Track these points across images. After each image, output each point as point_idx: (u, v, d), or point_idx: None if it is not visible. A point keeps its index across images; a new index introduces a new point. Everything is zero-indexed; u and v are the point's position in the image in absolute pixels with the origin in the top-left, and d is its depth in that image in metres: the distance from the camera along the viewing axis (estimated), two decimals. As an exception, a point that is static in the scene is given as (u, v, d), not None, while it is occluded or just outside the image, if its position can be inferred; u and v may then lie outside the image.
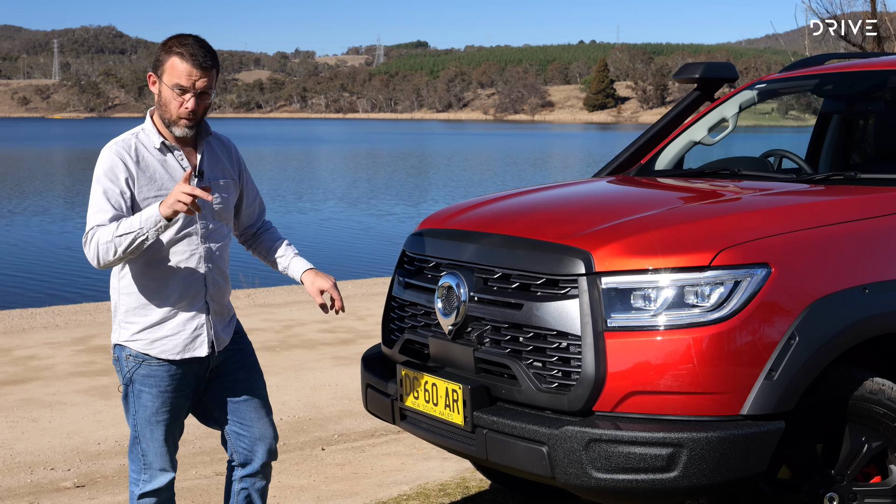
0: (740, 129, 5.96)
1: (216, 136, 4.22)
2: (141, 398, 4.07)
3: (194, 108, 3.94)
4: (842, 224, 4.17)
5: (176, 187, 3.74)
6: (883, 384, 4.11)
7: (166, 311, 4.03)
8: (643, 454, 3.79)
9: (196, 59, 3.90)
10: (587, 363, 3.91)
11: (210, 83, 3.95)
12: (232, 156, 4.26)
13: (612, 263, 3.97)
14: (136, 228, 3.80)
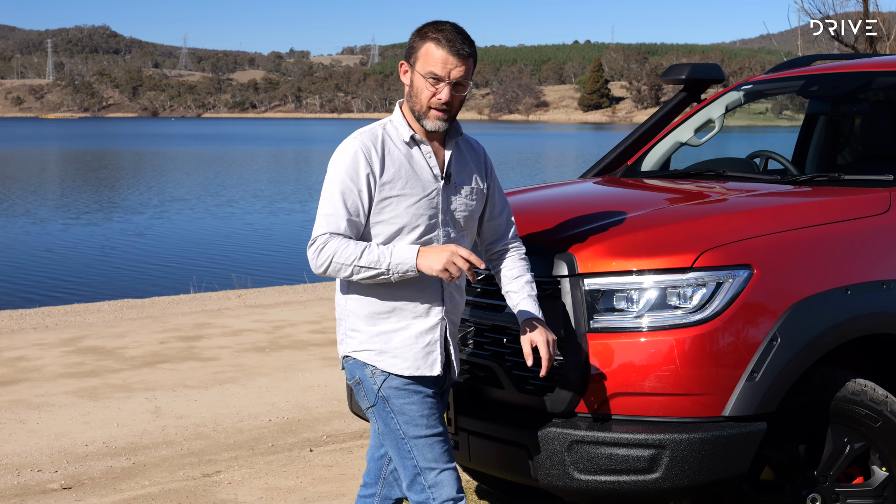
0: (727, 130, 5.97)
1: (465, 139, 3.85)
2: (405, 412, 3.63)
3: (448, 100, 3.60)
4: (824, 225, 4.18)
5: (451, 249, 3.46)
6: (865, 385, 4.11)
7: (398, 322, 3.65)
8: (625, 455, 3.80)
9: (453, 45, 3.56)
10: (570, 365, 3.92)
11: (467, 73, 3.60)
12: (480, 161, 3.86)
13: (595, 265, 3.97)
14: (383, 269, 3.49)
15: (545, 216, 4.59)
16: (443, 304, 3.68)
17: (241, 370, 8.79)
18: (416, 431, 3.61)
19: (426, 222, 3.63)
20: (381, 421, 3.66)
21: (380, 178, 3.58)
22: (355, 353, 3.69)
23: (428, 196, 3.64)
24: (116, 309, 12.04)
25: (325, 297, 12.78)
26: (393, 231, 3.60)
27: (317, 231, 3.58)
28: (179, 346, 9.84)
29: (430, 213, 3.63)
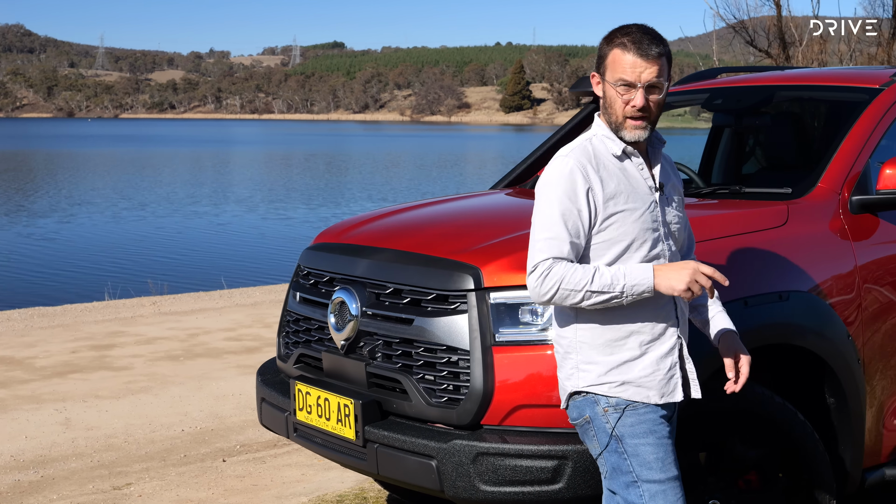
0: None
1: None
2: (639, 454, 3.40)
3: (643, 105, 3.34)
4: (724, 238, 4.28)
5: (692, 266, 3.27)
6: (763, 394, 4.21)
7: (637, 347, 3.42)
8: (529, 467, 3.86)
9: (640, 47, 3.31)
10: (475, 377, 3.97)
11: (660, 74, 3.33)
12: (674, 168, 3.65)
13: (501, 279, 4.03)
14: (617, 292, 3.28)
15: (453, 230, 4.65)
16: (677, 324, 3.47)
17: (154, 379, 8.73)
18: (651, 475, 3.39)
19: (651, 237, 3.41)
20: (612, 464, 3.44)
21: (602, 193, 3.37)
22: (592, 388, 3.43)
23: (649, 209, 3.42)
24: (26, 317, 11.87)
25: (242, 303, 12.73)
26: (621, 249, 3.38)
27: (537, 257, 3.36)
28: (91, 355, 9.73)
29: (654, 226, 3.42)
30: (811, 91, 5.70)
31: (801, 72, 6.22)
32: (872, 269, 4.57)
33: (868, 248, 4.59)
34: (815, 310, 4.35)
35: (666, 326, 3.44)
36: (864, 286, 4.53)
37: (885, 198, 4.57)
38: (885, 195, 4.56)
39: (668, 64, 3.37)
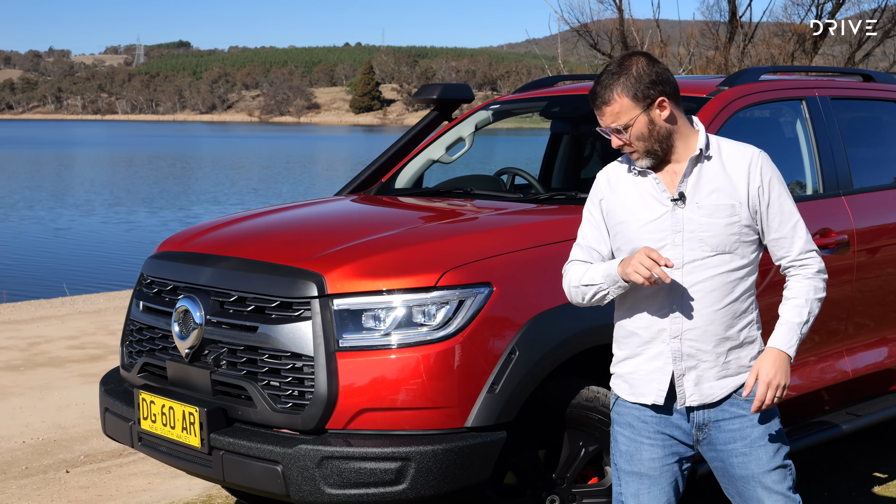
0: (476, 142, 6.22)
1: (724, 152, 3.45)
2: (617, 441, 3.55)
3: (619, 145, 3.41)
4: (560, 243, 4.42)
5: (640, 250, 3.27)
6: (598, 392, 4.39)
7: (635, 346, 3.49)
8: (373, 469, 3.95)
9: (593, 101, 3.43)
10: (320, 383, 4.04)
11: (617, 117, 3.35)
12: (740, 174, 3.42)
13: (344, 286, 4.11)
14: (598, 282, 3.39)
15: (297, 237, 4.71)
16: (670, 328, 3.42)
17: (-5, 390, 8.51)
18: (620, 463, 3.52)
19: (658, 245, 3.39)
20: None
21: (609, 205, 3.49)
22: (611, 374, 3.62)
23: (655, 220, 3.42)
24: None
25: (85, 310, 12.47)
26: (625, 255, 3.44)
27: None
28: (-73, 366, 9.42)
29: (659, 235, 3.41)
30: None
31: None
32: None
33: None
34: (647, 310, 4.53)
35: (659, 331, 3.43)
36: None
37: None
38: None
39: (628, 96, 3.34)
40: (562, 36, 31.92)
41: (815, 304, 3.41)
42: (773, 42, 30.51)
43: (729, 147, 3.46)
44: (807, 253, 3.45)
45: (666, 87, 3.36)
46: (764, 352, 3.41)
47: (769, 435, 3.45)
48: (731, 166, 3.42)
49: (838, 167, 5.53)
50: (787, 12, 35.25)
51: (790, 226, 3.44)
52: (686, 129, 3.44)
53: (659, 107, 3.36)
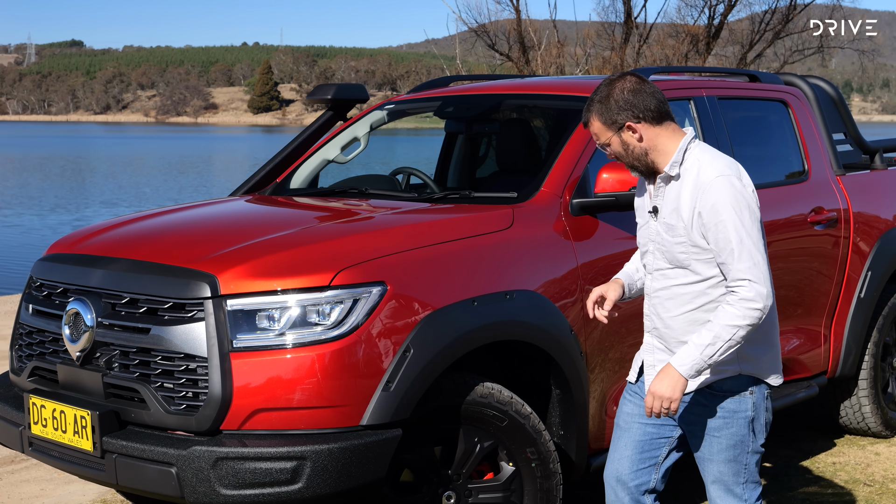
0: (374, 142, 6.25)
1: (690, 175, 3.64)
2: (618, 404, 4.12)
3: (611, 157, 3.80)
4: (453, 242, 4.49)
5: (596, 288, 3.94)
6: (492, 388, 4.45)
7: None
8: (268, 469, 3.95)
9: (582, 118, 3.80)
10: (213, 384, 4.03)
11: (599, 135, 3.72)
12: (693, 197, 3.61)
13: (237, 286, 4.10)
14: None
15: (190, 238, 4.68)
16: (652, 329, 3.88)
17: None
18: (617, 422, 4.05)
19: (649, 248, 3.84)
20: None
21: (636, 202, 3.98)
22: None
23: (645, 225, 3.86)
24: None
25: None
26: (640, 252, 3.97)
27: None
28: None
29: (643, 241, 3.88)
30: (536, 100, 6.01)
31: (528, 81, 6.54)
32: (592, 268, 4.86)
33: (588, 248, 4.89)
34: (541, 307, 4.61)
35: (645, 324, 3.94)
36: (585, 285, 4.81)
37: (602, 200, 4.87)
38: (603, 198, 4.85)
39: (599, 120, 3.69)
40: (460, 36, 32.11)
41: (727, 329, 3.54)
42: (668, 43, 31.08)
43: (698, 168, 3.64)
44: (739, 280, 3.57)
45: (636, 111, 3.64)
46: (665, 368, 3.63)
47: (729, 430, 3.76)
48: (686, 189, 3.65)
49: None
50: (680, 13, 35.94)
51: (727, 253, 3.58)
52: (666, 146, 3.68)
53: (629, 130, 3.66)
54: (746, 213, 3.58)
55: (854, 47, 32.84)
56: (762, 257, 3.58)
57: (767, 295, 3.55)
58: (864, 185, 6.56)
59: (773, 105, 6.33)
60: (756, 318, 3.54)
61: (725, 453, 3.79)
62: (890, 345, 6.79)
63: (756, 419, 3.79)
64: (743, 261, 3.55)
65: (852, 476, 6.09)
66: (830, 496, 5.79)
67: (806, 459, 6.38)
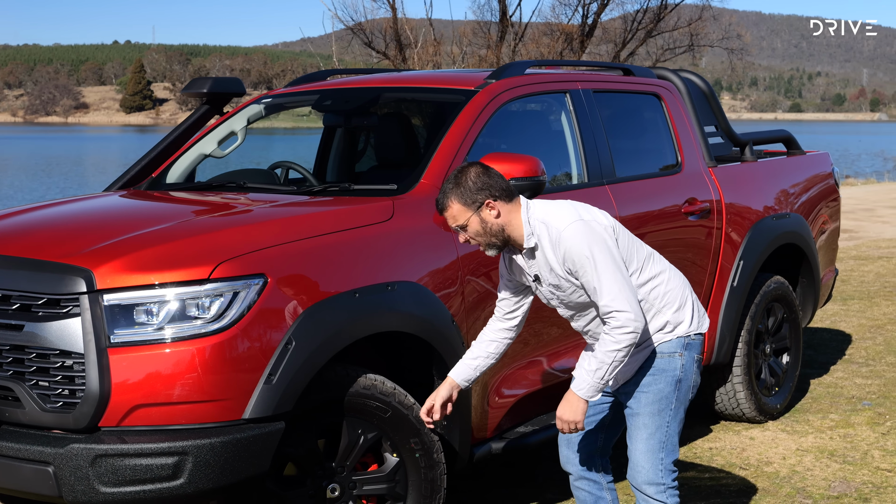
0: (253, 131, 6.19)
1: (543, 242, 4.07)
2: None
3: (464, 240, 4.11)
4: (333, 234, 4.47)
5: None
6: (375, 379, 4.45)
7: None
8: (149, 465, 3.89)
9: (437, 206, 4.11)
10: (91, 380, 3.95)
11: (454, 220, 4.06)
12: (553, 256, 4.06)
13: (114, 280, 4.03)
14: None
15: (64, 232, 4.57)
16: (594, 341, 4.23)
17: None
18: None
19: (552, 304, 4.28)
20: None
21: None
22: None
23: (536, 292, 4.26)
24: None
25: None
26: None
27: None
28: None
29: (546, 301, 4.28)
30: (414, 93, 6.03)
31: (406, 74, 6.55)
32: (472, 260, 4.90)
33: (468, 239, 4.92)
34: (421, 298, 4.63)
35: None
36: (465, 276, 4.85)
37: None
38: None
39: (459, 202, 4.02)
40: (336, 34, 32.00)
41: (609, 354, 3.96)
42: (543, 41, 31.47)
43: (545, 228, 4.05)
44: (608, 313, 3.96)
45: (492, 190, 4.02)
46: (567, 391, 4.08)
47: (657, 386, 4.16)
48: (548, 250, 4.06)
49: (601, 157, 5.77)
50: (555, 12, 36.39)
51: (591, 290, 4.00)
52: (518, 220, 4.08)
53: (487, 207, 4.01)
54: (597, 248, 3.97)
55: (723, 45, 33.71)
56: (624, 283, 3.96)
57: (636, 317, 3.93)
58: (735, 176, 6.74)
59: (646, 98, 6.46)
60: (631, 339, 3.95)
61: (651, 406, 4.15)
62: (762, 332, 6.98)
63: (683, 380, 4.17)
64: (605, 295, 3.95)
65: (728, 461, 6.25)
66: (707, 480, 5.93)
67: (683, 446, 6.52)
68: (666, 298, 4.18)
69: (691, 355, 4.19)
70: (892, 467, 6.07)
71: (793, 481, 5.89)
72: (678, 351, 4.17)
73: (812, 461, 6.20)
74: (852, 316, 10.33)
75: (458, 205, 4.03)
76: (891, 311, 10.53)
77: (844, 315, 10.38)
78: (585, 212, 4.08)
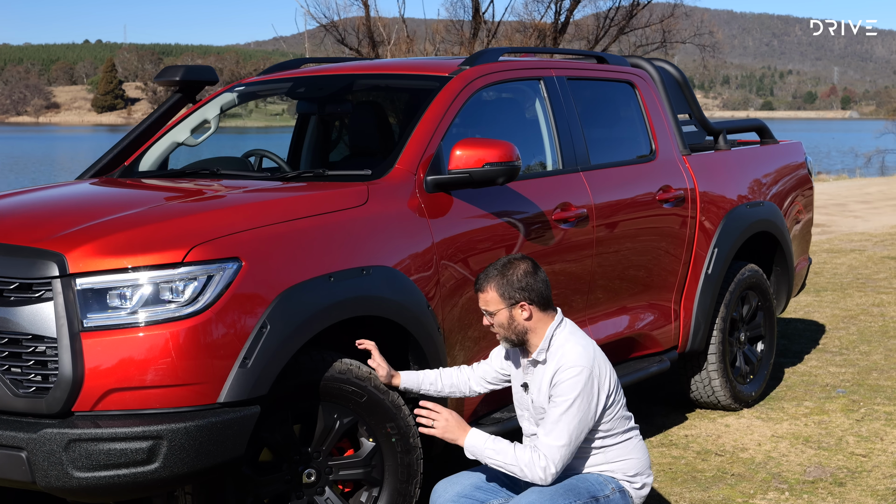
0: (225, 130, 6.15)
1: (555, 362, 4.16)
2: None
3: (488, 325, 4.27)
4: (308, 218, 4.45)
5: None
6: (351, 364, 4.43)
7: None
8: (123, 449, 3.85)
9: (476, 284, 4.28)
10: (64, 365, 3.92)
11: (486, 304, 4.21)
12: (548, 382, 4.17)
13: (87, 264, 3.99)
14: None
15: (35, 218, 4.53)
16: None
17: None
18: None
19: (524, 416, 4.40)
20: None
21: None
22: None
23: (518, 395, 4.41)
24: None
25: None
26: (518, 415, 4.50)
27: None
28: None
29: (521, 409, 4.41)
30: (388, 79, 6.01)
31: (379, 62, 6.53)
32: (448, 245, 4.88)
33: (444, 225, 4.90)
34: (397, 283, 4.61)
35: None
36: (441, 262, 4.83)
37: (455, 177, 4.89)
38: (456, 174, 4.88)
39: (497, 292, 4.18)
40: (309, 33, 31.94)
41: (510, 458, 4.07)
42: (516, 38, 31.49)
43: (561, 354, 4.15)
44: (541, 452, 4.06)
45: (532, 294, 4.17)
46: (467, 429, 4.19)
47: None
48: (549, 372, 4.16)
49: (576, 144, 5.77)
50: (527, 9, 36.43)
51: (546, 421, 4.10)
52: (543, 330, 4.21)
53: (520, 308, 4.17)
54: (581, 401, 4.07)
55: (695, 42, 33.83)
56: (571, 446, 4.07)
57: (550, 477, 4.05)
58: (709, 164, 6.75)
59: (620, 86, 6.46)
60: (538, 480, 4.05)
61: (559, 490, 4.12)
62: (737, 320, 7.00)
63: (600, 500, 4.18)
64: (551, 438, 4.07)
65: (704, 447, 6.27)
66: (683, 466, 5.94)
67: (659, 433, 6.54)
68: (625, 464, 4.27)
69: (625, 498, 4.24)
70: (866, 452, 6.10)
71: (768, 467, 5.91)
72: (613, 486, 4.23)
73: (787, 447, 6.22)
74: (825, 306, 10.38)
75: (495, 294, 4.20)
76: (863, 302, 10.59)
77: (818, 306, 10.44)
78: (598, 367, 4.16)
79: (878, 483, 5.63)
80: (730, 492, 5.54)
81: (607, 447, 4.25)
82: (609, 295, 5.92)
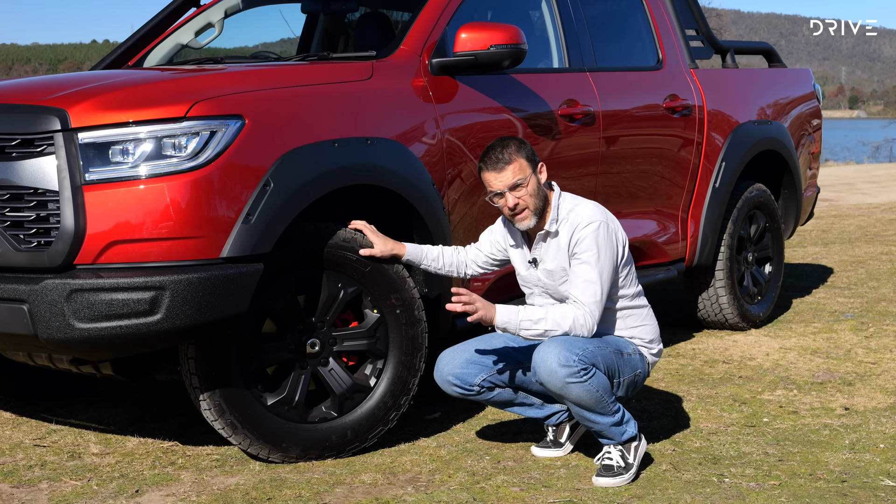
0: (229, 34, 6.12)
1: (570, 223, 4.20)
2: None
3: (514, 203, 4.16)
4: (313, 86, 4.42)
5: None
6: (355, 233, 4.39)
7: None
8: (125, 299, 3.82)
9: (495, 164, 4.16)
10: (66, 218, 3.89)
11: (517, 173, 4.13)
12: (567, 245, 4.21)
13: (89, 119, 3.96)
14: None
15: (40, 83, 4.53)
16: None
17: None
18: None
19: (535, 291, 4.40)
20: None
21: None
22: None
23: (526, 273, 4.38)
24: None
25: None
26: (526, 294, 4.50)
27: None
28: None
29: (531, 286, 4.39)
30: None
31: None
32: (453, 128, 4.84)
33: (449, 108, 4.85)
34: (401, 156, 4.56)
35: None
36: (446, 143, 4.79)
37: (461, 59, 4.84)
38: (461, 56, 4.83)
39: (524, 157, 4.16)
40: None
41: (550, 321, 4.06)
42: None
43: (571, 219, 4.19)
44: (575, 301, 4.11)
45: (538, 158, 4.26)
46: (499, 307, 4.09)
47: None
48: (564, 237, 4.20)
49: (582, 45, 5.71)
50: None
51: (575, 277, 4.14)
52: (549, 198, 4.23)
53: (541, 169, 4.21)
54: (605, 252, 4.13)
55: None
56: (603, 293, 4.12)
57: (593, 327, 4.11)
58: (716, 80, 6.69)
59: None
60: (581, 331, 4.09)
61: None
62: (745, 239, 6.94)
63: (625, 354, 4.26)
64: (583, 291, 4.10)
65: (711, 357, 6.22)
66: (691, 371, 5.89)
67: (666, 347, 6.49)
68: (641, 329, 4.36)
69: (644, 360, 4.33)
70: (875, 360, 6.05)
71: (776, 371, 5.86)
72: (633, 348, 4.32)
73: (795, 357, 6.17)
74: (834, 255, 10.31)
75: (524, 160, 4.16)
76: (872, 251, 10.52)
77: (826, 254, 10.36)
78: (612, 219, 4.24)
79: (887, 383, 5.58)
80: (737, 390, 5.49)
81: (625, 312, 4.30)
82: (614, 198, 5.86)
